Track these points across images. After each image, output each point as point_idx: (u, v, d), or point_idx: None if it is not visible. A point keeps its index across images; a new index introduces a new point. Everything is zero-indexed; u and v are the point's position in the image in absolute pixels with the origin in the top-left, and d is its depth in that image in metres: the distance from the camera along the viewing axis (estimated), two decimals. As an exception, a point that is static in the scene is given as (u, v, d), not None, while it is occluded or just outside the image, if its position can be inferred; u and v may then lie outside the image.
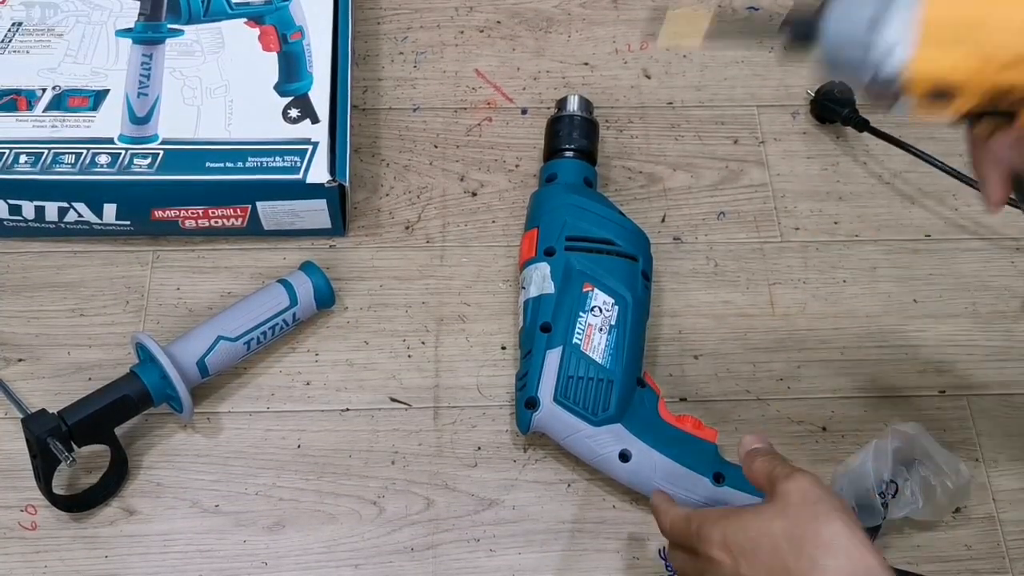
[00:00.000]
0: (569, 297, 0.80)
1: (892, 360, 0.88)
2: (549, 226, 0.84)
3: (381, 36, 1.03)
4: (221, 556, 0.78)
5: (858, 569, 0.56)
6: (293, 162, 0.85)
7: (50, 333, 0.86)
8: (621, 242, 0.83)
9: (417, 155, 0.96)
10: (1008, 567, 0.80)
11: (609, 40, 1.04)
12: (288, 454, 0.82)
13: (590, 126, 0.91)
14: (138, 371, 0.78)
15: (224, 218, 0.88)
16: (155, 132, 0.87)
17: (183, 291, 0.88)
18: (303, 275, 0.85)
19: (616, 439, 0.77)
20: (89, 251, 0.90)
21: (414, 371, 0.86)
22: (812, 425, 0.85)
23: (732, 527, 0.62)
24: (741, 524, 0.62)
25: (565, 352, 0.78)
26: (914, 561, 0.79)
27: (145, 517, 0.79)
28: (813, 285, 0.91)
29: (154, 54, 0.91)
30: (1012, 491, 0.83)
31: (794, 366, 0.87)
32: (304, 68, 0.91)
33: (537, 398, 0.78)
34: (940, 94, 0.49)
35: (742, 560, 0.61)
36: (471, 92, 1.00)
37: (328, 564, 0.78)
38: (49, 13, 0.92)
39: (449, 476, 0.82)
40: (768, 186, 0.96)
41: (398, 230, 0.92)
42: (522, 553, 0.79)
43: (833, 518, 0.59)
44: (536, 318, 0.81)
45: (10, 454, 0.80)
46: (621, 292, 0.81)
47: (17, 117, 0.86)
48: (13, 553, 0.77)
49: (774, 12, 1.05)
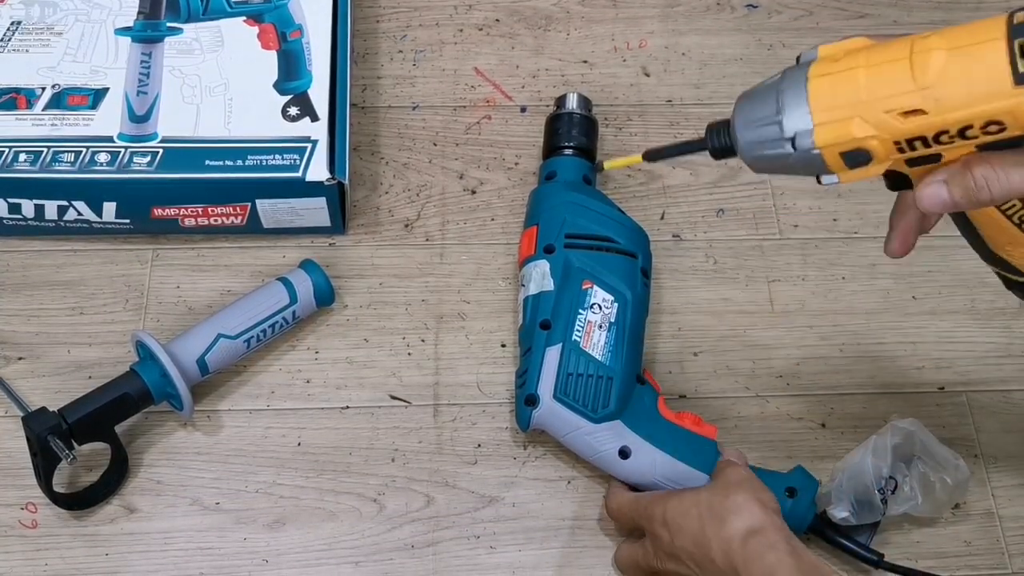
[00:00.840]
0: (569, 294, 0.80)
1: (891, 357, 0.88)
2: (548, 223, 0.84)
3: (380, 34, 1.03)
4: (221, 554, 0.78)
5: (753, 521, 0.67)
6: (292, 160, 0.85)
7: (50, 331, 0.86)
8: (620, 239, 0.83)
9: (416, 153, 0.96)
10: (1007, 563, 0.80)
11: (608, 38, 1.04)
12: (288, 452, 0.82)
13: (589, 124, 0.91)
14: (138, 369, 0.78)
15: (224, 216, 0.88)
16: (154, 130, 0.87)
17: (183, 289, 0.89)
18: (303, 273, 0.85)
19: (616, 436, 0.77)
20: (89, 249, 0.90)
21: (414, 369, 0.86)
22: (811, 422, 0.85)
23: (671, 504, 0.72)
24: (679, 501, 0.72)
25: (565, 349, 0.79)
26: (913, 557, 0.79)
27: (145, 515, 0.79)
28: (812, 282, 0.91)
29: (153, 52, 0.91)
30: (1011, 487, 0.83)
31: (793, 363, 0.87)
32: (303, 66, 0.91)
33: (537, 395, 0.78)
34: (855, 158, 0.54)
35: (676, 534, 0.70)
36: (470, 90, 1.00)
37: (328, 561, 0.78)
38: (48, 12, 0.92)
39: (449, 473, 0.82)
40: (767, 183, 0.96)
41: (398, 228, 0.92)
42: (522, 550, 0.79)
43: (744, 489, 0.70)
44: (536, 315, 0.81)
45: (10, 452, 0.80)
46: (620, 289, 0.81)
47: (16, 116, 0.86)
48: (14, 551, 0.77)
49: (772, 10, 1.06)
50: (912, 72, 0.51)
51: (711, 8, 1.06)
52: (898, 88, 0.51)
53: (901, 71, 0.51)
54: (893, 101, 0.52)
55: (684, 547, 0.70)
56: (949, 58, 0.50)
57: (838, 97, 0.53)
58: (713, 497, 0.71)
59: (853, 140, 0.53)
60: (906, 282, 0.92)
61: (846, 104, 0.53)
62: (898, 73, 0.51)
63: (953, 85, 0.50)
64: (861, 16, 1.06)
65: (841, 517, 0.76)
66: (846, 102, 0.53)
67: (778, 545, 0.66)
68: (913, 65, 0.51)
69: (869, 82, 0.52)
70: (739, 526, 0.67)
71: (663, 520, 0.72)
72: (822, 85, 0.54)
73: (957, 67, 0.50)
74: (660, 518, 0.72)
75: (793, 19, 1.06)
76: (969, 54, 0.50)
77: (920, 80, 0.51)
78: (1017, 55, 0.48)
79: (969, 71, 0.50)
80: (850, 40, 0.55)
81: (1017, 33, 0.49)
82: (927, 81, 0.50)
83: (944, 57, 0.50)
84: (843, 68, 0.53)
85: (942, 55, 0.50)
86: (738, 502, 0.69)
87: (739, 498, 0.69)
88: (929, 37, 0.52)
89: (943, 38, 0.51)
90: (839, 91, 0.53)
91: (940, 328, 0.89)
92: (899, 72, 0.51)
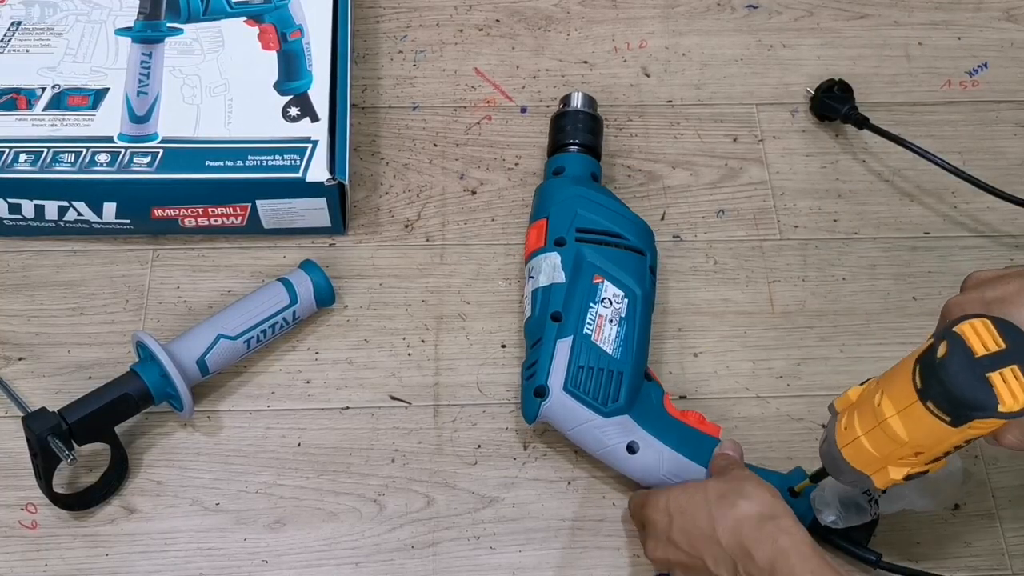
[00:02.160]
0: (580, 287, 0.80)
1: (891, 357, 0.87)
2: (559, 216, 0.84)
3: (380, 35, 1.03)
4: (221, 554, 0.78)
5: (764, 508, 0.68)
6: (293, 160, 0.85)
7: (50, 332, 0.86)
8: (630, 236, 0.83)
9: (417, 153, 0.96)
10: (1007, 564, 0.80)
11: (608, 38, 1.04)
12: (288, 452, 0.82)
13: (595, 122, 0.91)
14: (138, 369, 0.78)
15: (224, 216, 0.88)
16: (155, 131, 0.87)
17: (183, 290, 0.89)
18: (303, 273, 0.85)
19: (624, 431, 0.77)
20: (89, 250, 0.90)
21: (414, 369, 0.86)
22: (812, 422, 0.85)
23: (675, 492, 0.73)
24: (683, 489, 0.73)
25: (576, 342, 0.78)
26: (913, 558, 0.79)
27: (145, 515, 0.79)
28: (812, 283, 0.91)
29: (154, 53, 0.91)
30: (1011, 488, 0.83)
31: (793, 364, 0.87)
32: (304, 67, 0.91)
33: (547, 387, 0.78)
34: (911, 477, 0.65)
35: (677, 517, 0.71)
36: (470, 90, 1.00)
37: (328, 562, 0.78)
38: (49, 12, 0.92)
39: (449, 474, 0.82)
40: (767, 184, 0.96)
41: (398, 228, 0.92)
42: (522, 551, 0.79)
43: (754, 480, 0.71)
44: (546, 307, 0.80)
45: (10, 452, 0.80)
46: (630, 285, 0.81)
47: (17, 116, 0.86)
48: (14, 552, 0.77)
49: (772, 10, 1.06)
50: (887, 437, 0.63)
51: (711, 8, 1.06)
52: (896, 447, 0.63)
53: (886, 437, 0.63)
54: (901, 453, 0.63)
55: (684, 529, 0.70)
56: (902, 422, 0.61)
57: (863, 459, 0.66)
58: (722, 484, 0.71)
59: (900, 477, 0.65)
60: (906, 283, 0.92)
61: (874, 462, 0.65)
62: (885, 438, 0.63)
63: (921, 437, 0.61)
64: (861, 16, 1.06)
65: (829, 520, 0.75)
66: (873, 460, 0.65)
67: (793, 532, 0.66)
68: (886, 433, 0.62)
69: (874, 446, 0.64)
70: (751, 510, 0.68)
71: (665, 507, 0.72)
72: (848, 453, 0.66)
73: (911, 426, 0.61)
74: (663, 506, 0.73)
75: (793, 19, 1.06)
76: (909, 416, 0.61)
77: (900, 440, 0.62)
78: (933, 409, 0.59)
79: (919, 428, 0.61)
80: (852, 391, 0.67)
81: (923, 395, 0.60)
82: (904, 439, 0.62)
83: (899, 422, 0.62)
84: (852, 438, 0.66)
85: (897, 421, 0.62)
86: (749, 489, 0.70)
87: (750, 486, 0.70)
88: (881, 400, 0.63)
89: (889, 400, 0.62)
90: (861, 457, 0.66)
91: (940, 329, 0.89)
92: (885, 438, 0.63)
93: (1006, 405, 0.57)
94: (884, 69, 1.03)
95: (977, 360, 0.58)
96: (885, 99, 1.01)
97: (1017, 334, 0.59)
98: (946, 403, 0.59)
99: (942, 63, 1.04)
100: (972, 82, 1.03)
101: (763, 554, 0.65)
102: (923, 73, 1.03)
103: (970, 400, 0.57)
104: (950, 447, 0.62)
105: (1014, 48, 1.05)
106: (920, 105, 1.01)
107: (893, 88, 1.02)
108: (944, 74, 1.03)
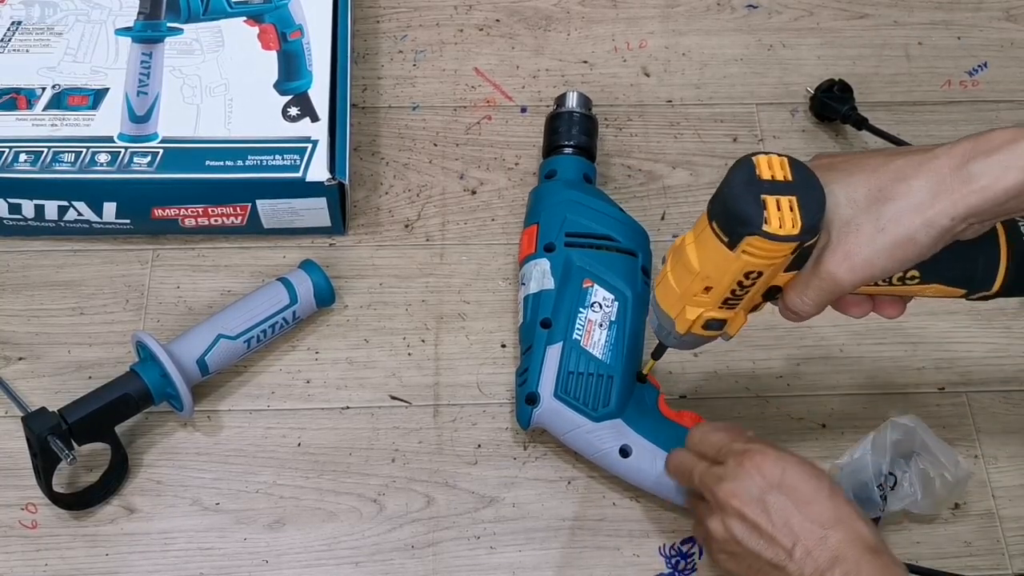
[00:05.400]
0: (569, 293, 0.81)
1: (891, 357, 0.88)
2: (549, 222, 0.84)
3: (380, 34, 1.03)
4: (221, 554, 0.78)
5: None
6: (293, 160, 0.85)
7: (50, 332, 0.86)
8: (620, 238, 0.83)
9: (416, 153, 0.96)
10: (1007, 563, 0.80)
11: (608, 38, 1.04)
12: (288, 452, 0.82)
13: (589, 122, 0.91)
14: (138, 369, 0.78)
15: (224, 216, 0.88)
16: (155, 131, 0.87)
17: (183, 289, 0.89)
18: (303, 273, 0.85)
19: (616, 434, 0.77)
20: (89, 250, 0.90)
21: (414, 369, 0.86)
22: (812, 422, 0.85)
23: (790, 462, 0.68)
24: (799, 463, 0.69)
25: (565, 348, 0.79)
26: (913, 557, 0.79)
27: (145, 515, 0.79)
28: (812, 282, 0.91)
29: (154, 53, 0.91)
30: (1011, 487, 0.83)
31: (793, 363, 0.87)
32: (304, 66, 0.91)
33: (537, 394, 0.78)
34: (712, 326, 0.67)
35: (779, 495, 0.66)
36: (470, 90, 1.00)
37: (328, 562, 0.78)
38: (49, 12, 0.92)
39: (449, 474, 0.82)
40: (767, 184, 0.96)
41: (398, 228, 0.92)
42: (522, 551, 0.79)
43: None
44: (536, 314, 0.81)
45: (10, 452, 0.80)
46: (621, 288, 0.81)
47: (17, 116, 0.86)
48: (14, 551, 0.77)
49: (772, 10, 1.06)
50: (683, 268, 0.64)
51: (711, 8, 1.06)
52: (691, 280, 0.64)
53: (682, 267, 0.64)
54: (694, 288, 0.64)
55: (784, 509, 0.66)
56: (696, 249, 0.63)
57: (668, 299, 0.67)
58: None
59: (696, 319, 0.66)
60: (906, 282, 0.92)
61: (676, 301, 0.66)
62: (683, 269, 0.64)
63: (708, 266, 0.63)
64: (861, 16, 1.06)
65: None
66: (675, 299, 0.66)
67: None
68: (688, 260, 0.63)
69: (676, 280, 0.66)
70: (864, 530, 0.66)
71: (768, 479, 0.67)
72: (658, 293, 0.68)
73: (701, 253, 0.63)
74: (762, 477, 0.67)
75: (793, 19, 1.06)
76: (701, 243, 0.62)
77: (692, 270, 0.63)
78: (715, 229, 0.60)
79: (705, 253, 0.62)
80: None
81: (709, 216, 0.61)
82: (696, 268, 0.63)
83: (693, 250, 0.63)
84: (660, 278, 0.67)
85: (693, 249, 0.63)
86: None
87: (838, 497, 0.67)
88: (686, 235, 0.64)
89: (692, 232, 0.64)
90: (666, 294, 0.67)
91: (940, 328, 0.89)
92: (682, 269, 0.65)
93: (771, 226, 0.58)
94: (884, 69, 1.03)
95: (758, 182, 0.59)
96: (885, 99, 1.01)
97: (809, 176, 0.60)
98: (722, 218, 0.60)
99: (942, 63, 1.04)
100: (972, 82, 1.03)
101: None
102: (923, 73, 1.03)
103: (740, 213, 0.59)
104: (733, 280, 0.62)
105: (1014, 48, 1.05)
106: (920, 105, 1.01)
107: (893, 88, 1.02)
108: (944, 74, 1.03)
